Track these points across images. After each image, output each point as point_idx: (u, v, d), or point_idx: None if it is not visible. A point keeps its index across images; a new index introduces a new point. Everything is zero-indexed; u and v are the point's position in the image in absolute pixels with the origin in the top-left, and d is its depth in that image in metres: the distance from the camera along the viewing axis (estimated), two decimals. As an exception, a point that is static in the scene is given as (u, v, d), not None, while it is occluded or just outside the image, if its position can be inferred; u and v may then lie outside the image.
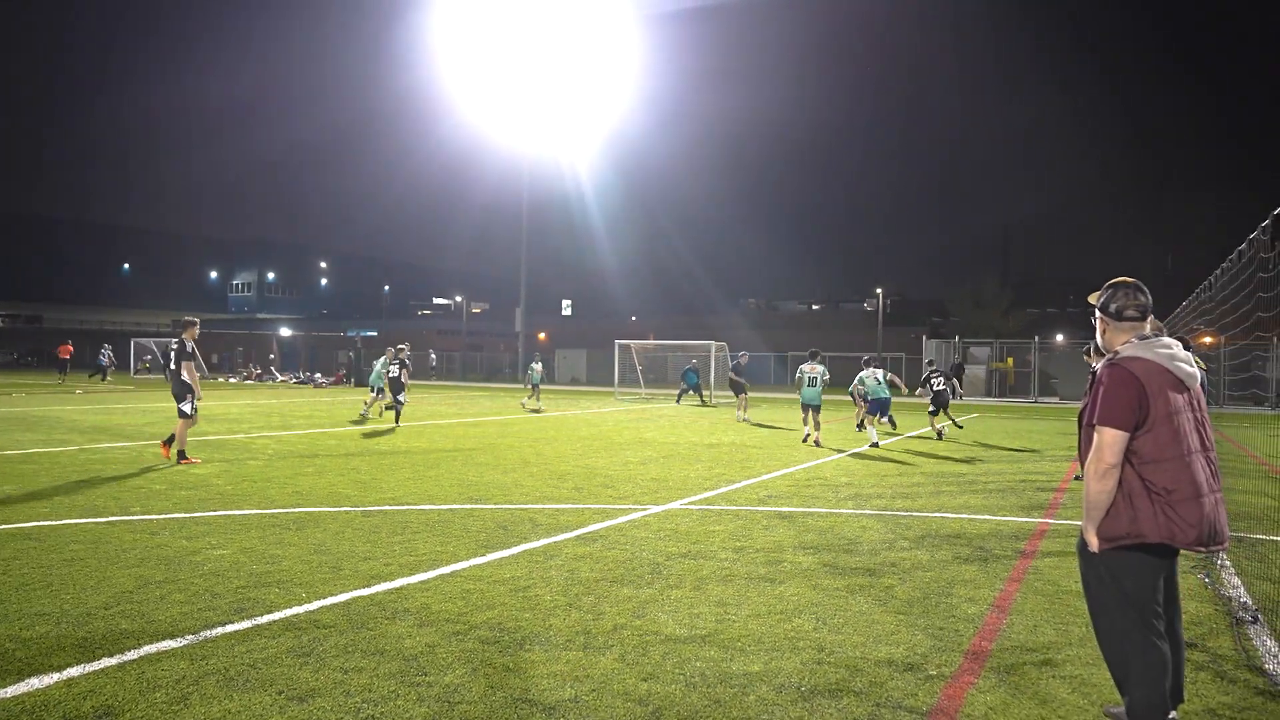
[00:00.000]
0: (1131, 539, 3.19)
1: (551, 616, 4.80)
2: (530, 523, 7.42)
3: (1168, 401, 3.19)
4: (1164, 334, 3.40)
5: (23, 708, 3.48)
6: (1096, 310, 3.51)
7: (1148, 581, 3.26)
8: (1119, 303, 3.42)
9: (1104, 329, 3.48)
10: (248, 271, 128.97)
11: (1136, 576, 3.24)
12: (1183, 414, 3.22)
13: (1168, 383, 3.22)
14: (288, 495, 8.64)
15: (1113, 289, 3.46)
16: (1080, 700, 3.76)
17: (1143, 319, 3.41)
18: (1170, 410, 3.19)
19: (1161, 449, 3.17)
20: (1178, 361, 3.26)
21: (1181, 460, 3.16)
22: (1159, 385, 3.21)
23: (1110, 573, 3.28)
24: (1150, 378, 3.21)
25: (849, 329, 59.50)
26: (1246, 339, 7.85)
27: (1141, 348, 3.29)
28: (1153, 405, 3.18)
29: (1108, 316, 3.44)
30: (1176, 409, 3.21)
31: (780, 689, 3.82)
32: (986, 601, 5.25)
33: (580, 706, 3.59)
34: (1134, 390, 3.20)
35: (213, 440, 13.84)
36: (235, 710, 3.48)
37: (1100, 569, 3.31)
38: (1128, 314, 3.40)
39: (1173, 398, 3.21)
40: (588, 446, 14.04)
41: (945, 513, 8.38)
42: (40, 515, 7.37)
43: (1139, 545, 3.19)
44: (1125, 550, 3.23)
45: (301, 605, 4.90)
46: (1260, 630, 4.76)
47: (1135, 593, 3.24)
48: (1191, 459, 3.18)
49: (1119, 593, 3.26)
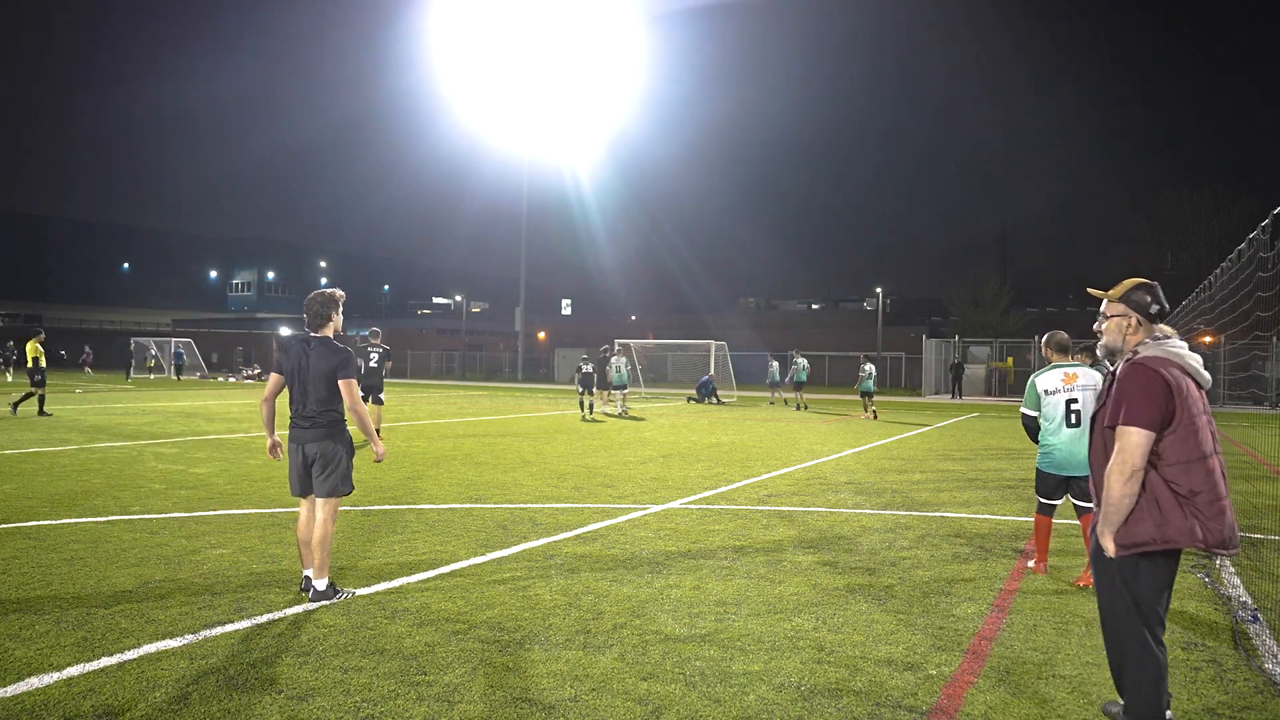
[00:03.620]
0: (1158, 544, 3.11)
1: (551, 616, 4.80)
2: (530, 522, 7.42)
3: (1193, 402, 3.15)
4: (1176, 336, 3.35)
5: (23, 708, 3.48)
6: (1128, 309, 3.34)
7: (1159, 588, 3.21)
8: (1161, 304, 3.33)
9: (1133, 328, 3.33)
10: (247, 271, 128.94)
11: (1149, 583, 3.19)
12: (1203, 415, 3.18)
13: (1187, 383, 3.18)
14: (288, 495, 8.63)
15: (1146, 288, 3.34)
16: (1079, 700, 3.76)
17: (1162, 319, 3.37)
18: (1194, 412, 3.14)
19: (1187, 451, 3.11)
20: (1193, 362, 3.23)
21: (1205, 463, 3.11)
22: (1185, 386, 3.16)
23: (1123, 578, 3.22)
24: (1177, 379, 3.15)
25: (849, 329, 59.49)
26: (1246, 339, 7.84)
27: (1160, 348, 3.23)
28: (1179, 407, 3.12)
29: (1147, 317, 3.32)
30: (1199, 410, 3.16)
31: (780, 688, 3.82)
32: (986, 601, 5.25)
33: (580, 706, 3.59)
34: (1162, 391, 3.12)
35: (212, 440, 13.84)
36: (235, 710, 3.48)
37: (1114, 574, 3.24)
38: (1165, 315, 3.35)
39: (1196, 399, 3.17)
40: (587, 446, 14.04)
41: (945, 512, 8.38)
42: (40, 515, 7.37)
43: (1164, 552, 3.14)
44: (1142, 556, 3.16)
45: (301, 605, 4.90)
46: (1260, 630, 4.76)
47: (1145, 599, 3.20)
48: (1209, 463, 3.12)
49: (1130, 598, 3.21)
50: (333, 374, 5.07)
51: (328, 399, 5.09)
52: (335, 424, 5.14)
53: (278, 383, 5.23)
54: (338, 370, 5.09)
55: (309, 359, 5.09)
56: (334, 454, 5.09)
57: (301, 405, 5.09)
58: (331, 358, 5.09)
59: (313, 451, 5.07)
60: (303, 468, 5.11)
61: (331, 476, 5.08)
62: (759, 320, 67.15)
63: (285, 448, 5.21)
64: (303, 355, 5.11)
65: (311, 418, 5.06)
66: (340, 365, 5.10)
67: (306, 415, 5.07)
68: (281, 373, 5.21)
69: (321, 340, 5.17)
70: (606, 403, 23.88)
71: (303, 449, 5.08)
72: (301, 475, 5.13)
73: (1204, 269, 24.29)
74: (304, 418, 5.08)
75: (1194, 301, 16.56)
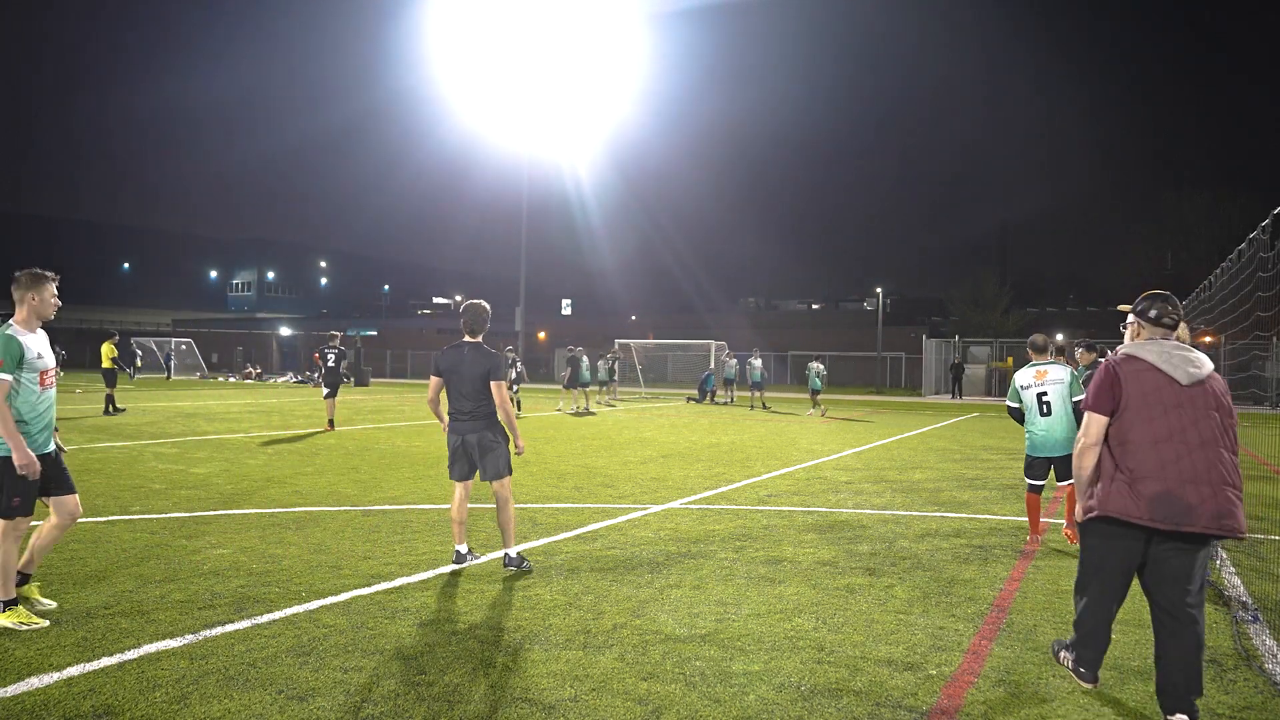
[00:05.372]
0: (1098, 512, 3.57)
1: (551, 616, 4.80)
2: (530, 522, 7.42)
3: (1148, 394, 3.51)
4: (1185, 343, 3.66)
5: (23, 707, 3.48)
6: (1135, 317, 3.80)
7: (1107, 553, 3.60)
8: (1157, 309, 3.72)
9: (1137, 332, 3.77)
10: (247, 271, 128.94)
11: (1098, 546, 3.63)
12: (1169, 407, 3.47)
13: (1149, 377, 3.54)
14: (288, 495, 8.64)
15: (1148, 298, 3.78)
16: (1080, 700, 3.76)
17: (1174, 328, 3.70)
18: (1148, 401, 3.50)
19: (1134, 434, 3.50)
20: (1172, 360, 3.53)
21: (1154, 447, 3.45)
22: (1135, 376, 3.56)
23: (1084, 540, 3.73)
24: (1128, 370, 3.58)
25: (849, 329, 59.47)
26: (1246, 339, 7.84)
27: (1137, 346, 3.65)
28: (1124, 394, 3.55)
29: (1148, 321, 3.72)
30: (1160, 402, 3.49)
31: (780, 688, 3.82)
32: (986, 601, 5.25)
33: (580, 706, 3.59)
34: (1111, 381, 3.60)
35: (212, 440, 13.85)
36: (235, 710, 3.48)
37: (1084, 535, 3.74)
38: (1164, 321, 3.70)
39: (1157, 392, 3.51)
40: (588, 446, 14.04)
41: (945, 512, 8.39)
42: (40, 515, 7.36)
43: (1103, 518, 3.56)
44: (1094, 522, 3.61)
45: (301, 605, 4.90)
46: (1260, 630, 4.76)
47: (1094, 561, 3.66)
48: (1167, 448, 3.43)
49: (1084, 557, 3.74)
50: (487, 375, 5.73)
51: (482, 395, 5.74)
52: (490, 416, 5.79)
53: (438, 384, 5.91)
54: (491, 372, 5.74)
55: (465, 362, 5.75)
56: (492, 442, 5.75)
57: (460, 401, 5.77)
58: (485, 361, 5.76)
59: (472, 441, 5.74)
60: (463, 455, 5.78)
61: (495, 462, 5.75)
62: (759, 320, 67.08)
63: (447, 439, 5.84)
64: (460, 358, 5.77)
65: (470, 412, 5.73)
66: (493, 368, 5.76)
67: (465, 410, 5.74)
68: (440, 374, 5.86)
69: (475, 345, 5.83)
70: (574, 400, 24.55)
71: (463, 439, 5.75)
72: (460, 462, 5.79)
73: (1204, 269, 24.30)
74: (463, 412, 5.75)
75: (1194, 302, 16.56)
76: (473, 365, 5.73)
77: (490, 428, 5.77)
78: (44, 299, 4.63)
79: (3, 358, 4.40)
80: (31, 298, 4.60)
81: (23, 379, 4.49)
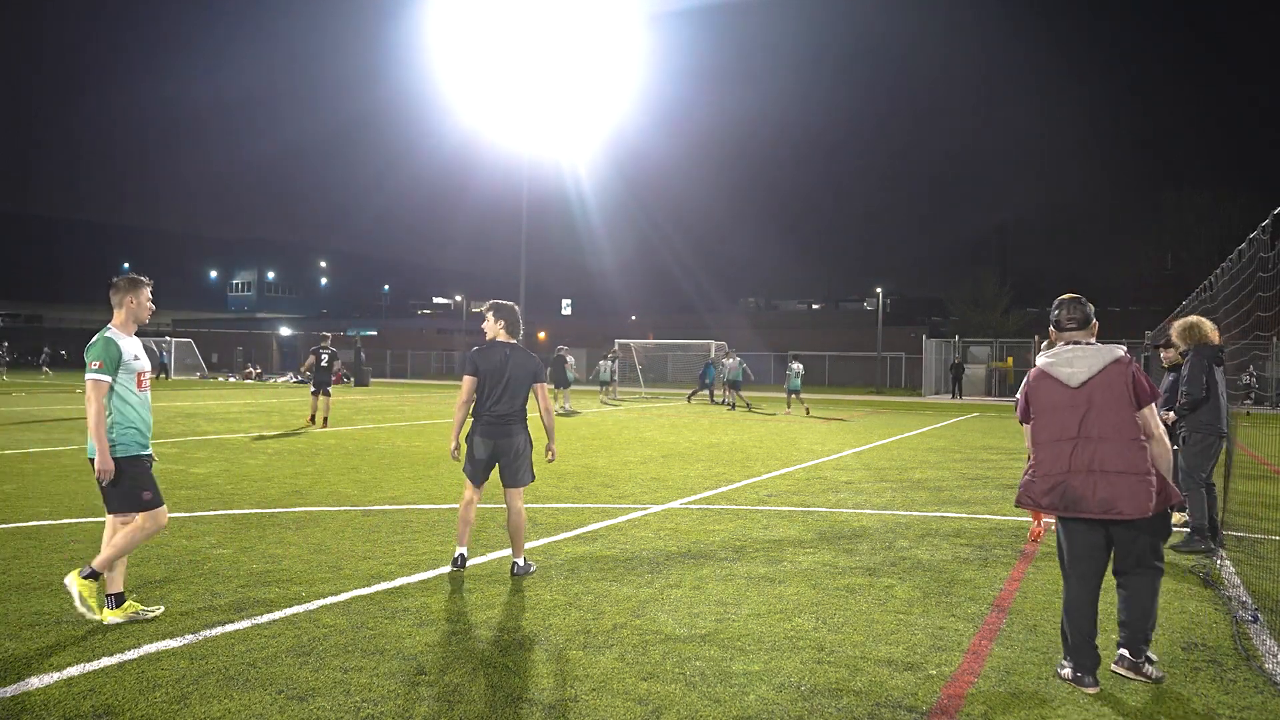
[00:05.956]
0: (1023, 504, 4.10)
1: (551, 616, 4.80)
2: (530, 522, 7.41)
3: (1043, 399, 4.01)
4: (1081, 343, 4.00)
5: (23, 707, 3.48)
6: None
7: (1069, 538, 4.01)
8: (1057, 314, 4.10)
9: (1052, 339, 4.22)
10: (248, 271, 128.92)
11: (1063, 533, 4.06)
12: (1061, 408, 3.92)
13: (1044, 383, 4.02)
14: (288, 495, 8.64)
15: (1058, 304, 4.12)
16: (1080, 700, 3.76)
17: (1080, 329, 4.02)
18: (1046, 406, 3.99)
19: (1039, 435, 4.01)
20: (1057, 366, 3.97)
21: (1052, 445, 3.93)
22: (1037, 384, 4.06)
23: (1058, 530, 4.13)
24: (1033, 380, 4.09)
25: (849, 329, 59.44)
26: (1246, 339, 7.84)
27: (1042, 354, 4.11)
28: (1033, 401, 4.06)
29: (1053, 326, 4.15)
30: (1052, 405, 3.96)
31: (780, 688, 3.82)
32: (986, 601, 5.25)
33: (580, 706, 3.59)
34: (1022, 391, 4.18)
35: (212, 440, 13.85)
36: (235, 710, 3.48)
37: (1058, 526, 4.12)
38: (1065, 325, 4.06)
39: (1049, 395, 3.98)
40: (588, 446, 14.04)
41: (945, 512, 8.39)
42: (40, 515, 7.38)
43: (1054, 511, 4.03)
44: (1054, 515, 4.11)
45: (301, 605, 4.90)
46: (1260, 630, 4.76)
47: (1063, 547, 4.06)
48: (1060, 445, 3.89)
49: (1058, 546, 4.12)
50: (533, 377, 5.63)
51: (523, 399, 5.62)
52: (524, 421, 5.67)
53: (473, 384, 5.60)
54: (537, 373, 5.65)
55: (508, 363, 5.56)
56: (525, 447, 5.64)
57: (496, 404, 5.55)
58: (530, 363, 5.65)
59: (504, 446, 5.57)
60: (488, 459, 5.59)
61: (524, 469, 5.63)
62: (759, 320, 67.06)
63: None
64: (502, 360, 5.57)
65: (505, 415, 5.56)
66: (539, 369, 5.69)
67: (500, 414, 5.55)
68: (477, 374, 5.58)
69: (514, 347, 5.67)
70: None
71: (495, 443, 5.56)
72: (484, 465, 5.60)
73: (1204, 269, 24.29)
74: (498, 415, 5.55)
75: (1194, 302, 16.55)
76: (517, 367, 5.56)
77: (524, 432, 5.65)
78: (141, 302, 4.75)
79: (102, 360, 4.48)
80: (130, 301, 4.71)
81: (119, 380, 4.57)
